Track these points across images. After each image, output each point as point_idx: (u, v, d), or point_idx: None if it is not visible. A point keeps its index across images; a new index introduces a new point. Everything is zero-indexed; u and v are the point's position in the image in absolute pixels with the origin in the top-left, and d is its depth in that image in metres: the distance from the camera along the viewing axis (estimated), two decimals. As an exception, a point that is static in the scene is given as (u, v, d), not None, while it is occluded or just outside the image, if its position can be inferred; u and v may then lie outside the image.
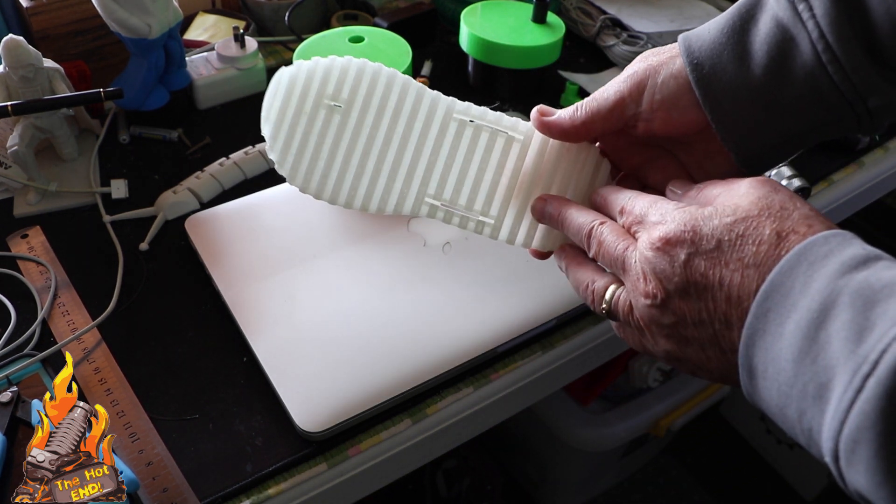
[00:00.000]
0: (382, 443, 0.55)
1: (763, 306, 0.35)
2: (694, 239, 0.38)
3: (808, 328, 0.33)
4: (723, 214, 0.38)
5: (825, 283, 0.33)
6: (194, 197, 0.71)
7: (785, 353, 0.34)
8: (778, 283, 0.35)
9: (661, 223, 0.39)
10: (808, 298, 0.33)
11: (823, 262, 0.34)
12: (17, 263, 0.65)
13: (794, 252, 0.35)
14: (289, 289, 0.61)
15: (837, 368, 0.31)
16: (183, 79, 0.80)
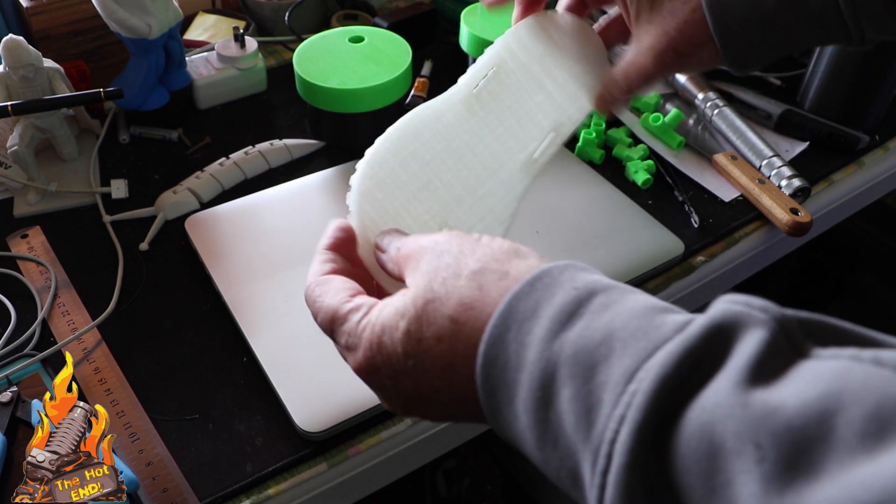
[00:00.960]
0: (382, 443, 0.55)
1: (487, 386, 0.32)
2: (384, 362, 0.35)
3: (537, 410, 0.30)
4: (399, 319, 0.35)
5: (538, 352, 0.30)
6: (194, 197, 0.71)
7: (526, 436, 0.31)
8: (491, 360, 0.31)
9: (354, 349, 0.37)
10: (527, 374, 0.30)
11: (532, 322, 0.31)
12: (18, 263, 0.65)
13: (499, 314, 0.32)
14: (289, 289, 0.61)
15: (578, 456, 0.28)
16: (183, 79, 0.80)
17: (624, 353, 0.28)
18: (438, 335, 0.33)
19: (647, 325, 0.28)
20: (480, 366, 0.32)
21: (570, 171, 0.76)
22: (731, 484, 0.24)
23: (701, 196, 0.76)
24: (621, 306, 0.30)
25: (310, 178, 0.73)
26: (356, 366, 0.37)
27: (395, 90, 0.75)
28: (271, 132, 0.81)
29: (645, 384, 0.26)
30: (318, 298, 0.40)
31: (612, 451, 0.26)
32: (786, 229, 0.71)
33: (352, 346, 0.37)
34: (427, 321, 0.34)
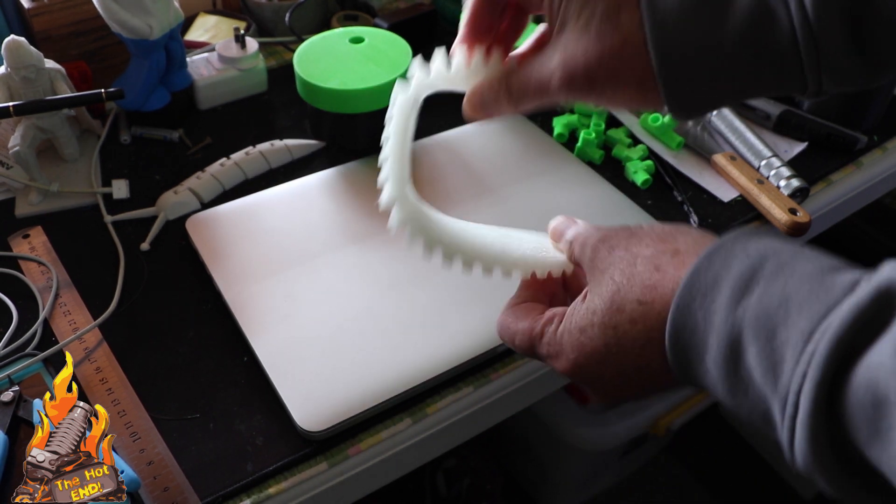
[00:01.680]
0: (382, 442, 0.55)
1: (677, 349, 0.36)
2: (588, 359, 0.40)
3: (727, 366, 0.34)
4: (594, 315, 0.40)
5: (724, 317, 0.34)
6: (195, 197, 0.71)
7: (718, 386, 0.35)
8: (681, 325, 0.36)
9: (557, 356, 0.42)
10: (715, 335, 0.34)
11: (715, 292, 0.35)
12: (19, 263, 0.65)
13: (683, 287, 0.36)
14: (289, 289, 0.61)
15: (769, 401, 0.33)
16: (184, 79, 0.80)
17: (800, 315, 0.32)
18: (632, 319, 0.38)
19: (819, 287, 0.32)
20: (669, 333, 0.36)
21: (570, 171, 0.76)
22: (893, 428, 0.28)
23: (700, 196, 0.76)
24: (793, 269, 0.33)
25: (310, 178, 0.74)
26: (564, 369, 0.42)
27: (395, 91, 0.75)
28: (272, 132, 0.81)
29: (822, 345, 0.30)
30: (512, 324, 0.46)
31: (798, 401, 0.31)
32: (784, 229, 0.71)
33: (554, 355, 0.42)
34: (618, 309, 0.39)
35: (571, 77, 0.41)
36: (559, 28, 0.42)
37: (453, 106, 0.85)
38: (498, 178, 0.74)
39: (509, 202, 0.71)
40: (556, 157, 0.78)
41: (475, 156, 0.77)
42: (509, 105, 0.44)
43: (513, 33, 0.49)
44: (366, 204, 0.70)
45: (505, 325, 0.47)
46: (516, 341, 0.45)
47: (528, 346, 0.44)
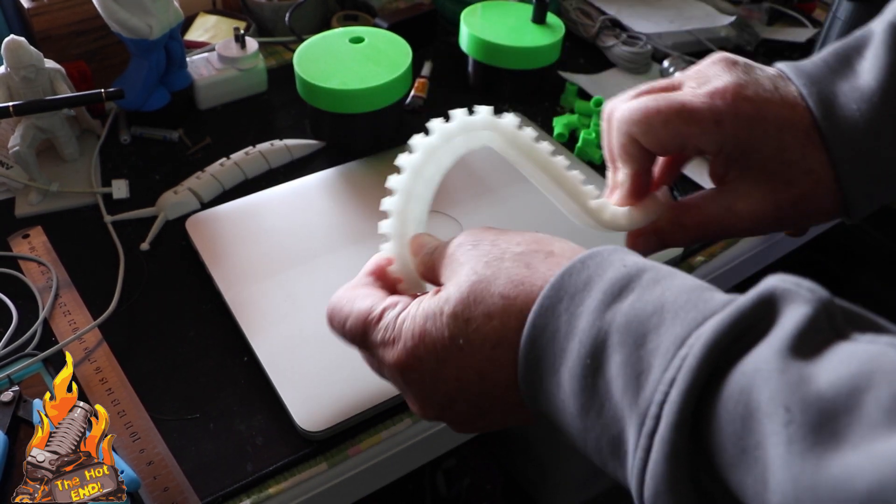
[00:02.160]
0: (382, 442, 0.55)
1: (531, 355, 0.32)
2: (427, 350, 0.35)
3: (585, 377, 0.30)
4: (444, 304, 0.35)
5: (590, 321, 0.31)
6: (195, 197, 0.71)
7: (568, 405, 0.31)
8: (540, 328, 0.32)
9: (391, 343, 0.37)
10: (577, 341, 0.31)
11: (584, 294, 0.32)
12: (19, 263, 0.65)
13: (551, 286, 0.32)
14: (289, 289, 0.61)
15: (624, 422, 0.29)
16: (184, 79, 0.80)
17: (675, 322, 0.29)
18: (489, 313, 0.34)
19: (697, 298, 0.30)
20: (527, 334, 0.32)
21: (570, 171, 0.76)
22: (760, 445, 0.25)
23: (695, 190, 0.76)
24: (671, 282, 0.31)
25: (310, 178, 0.74)
26: (395, 360, 0.36)
27: (395, 91, 0.75)
28: (272, 132, 0.81)
29: (696, 348, 0.27)
30: (347, 304, 0.40)
31: (660, 413, 0.27)
32: (786, 230, 0.71)
33: (388, 342, 0.37)
34: (475, 301, 0.34)
35: (761, 220, 0.43)
36: (739, 175, 0.42)
37: (453, 107, 0.85)
38: (498, 178, 0.74)
39: (509, 202, 0.71)
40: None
41: (475, 155, 0.77)
42: (682, 242, 0.46)
43: (668, 178, 0.49)
44: (366, 204, 0.70)
45: (338, 306, 0.40)
46: (348, 324, 0.39)
47: (361, 330, 0.38)
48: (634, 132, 0.42)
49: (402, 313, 0.37)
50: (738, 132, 0.40)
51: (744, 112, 0.40)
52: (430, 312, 0.35)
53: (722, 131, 0.40)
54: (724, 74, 0.41)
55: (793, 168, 0.41)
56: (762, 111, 0.40)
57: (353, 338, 0.39)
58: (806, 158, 0.40)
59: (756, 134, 0.40)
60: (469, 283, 0.35)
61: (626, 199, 0.45)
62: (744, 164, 0.42)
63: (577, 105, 0.84)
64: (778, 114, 0.40)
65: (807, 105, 0.40)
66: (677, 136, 0.41)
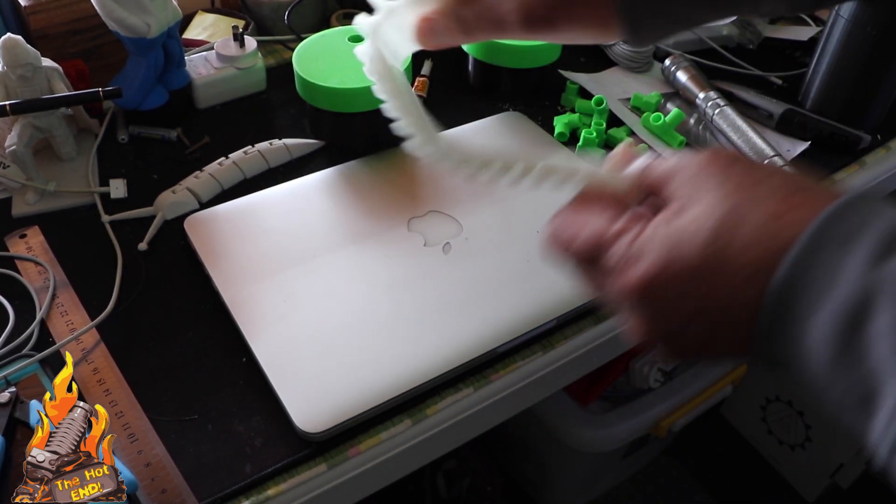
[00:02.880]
0: (382, 443, 0.55)
1: (786, 294, 0.31)
2: (680, 269, 0.33)
3: (844, 327, 0.29)
4: (701, 223, 0.33)
5: (858, 274, 0.29)
6: (193, 197, 0.71)
7: (818, 351, 0.30)
8: (801, 269, 0.30)
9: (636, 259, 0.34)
10: (839, 291, 0.29)
11: (852, 244, 0.30)
12: (16, 263, 0.65)
13: (816, 229, 0.30)
14: (288, 289, 0.61)
15: (884, 380, 0.28)
16: (182, 78, 0.80)
17: None
18: (748, 241, 0.32)
19: None
20: (786, 272, 0.30)
21: (571, 170, 0.75)
22: None
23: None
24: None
25: (309, 177, 0.73)
26: (636, 282, 0.34)
27: (394, 89, 0.75)
28: (271, 132, 0.81)
29: None
30: (575, 222, 0.38)
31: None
32: (787, 229, 0.70)
33: (634, 257, 0.34)
34: (734, 227, 0.32)
35: (529, 16, 0.41)
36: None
37: (453, 106, 0.85)
38: (498, 177, 0.73)
39: (509, 202, 0.71)
40: (556, 156, 0.77)
41: (475, 155, 0.77)
42: (461, 35, 0.44)
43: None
44: (365, 203, 0.70)
45: (564, 225, 0.38)
46: (576, 244, 0.37)
47: (592, 251, 0.36)
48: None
49: (649, 228, 0.35)
50: None
51: None
52: (686, 230, 0.33)
53: None
54: None
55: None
56: None
57: (580, 260, 0.37)
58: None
59: None
60: (727, 209, 0.33)
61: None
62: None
63: (578, 104, 0.84)
64: None
65: None
66: None
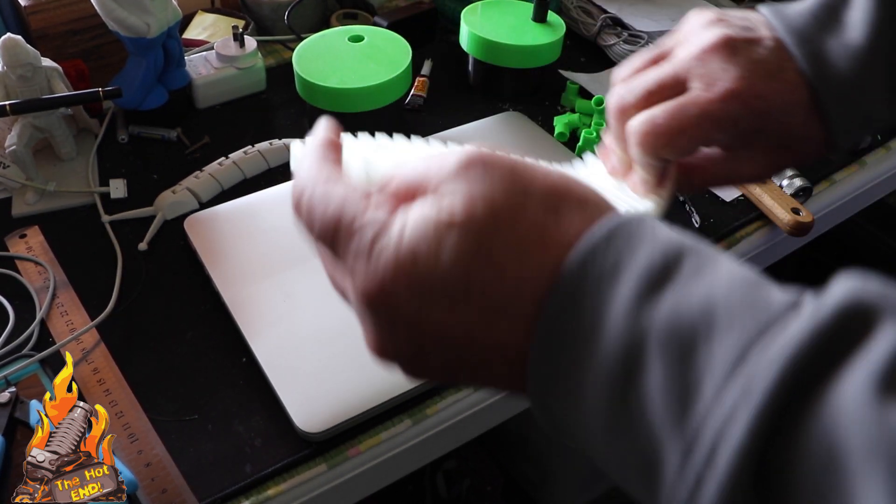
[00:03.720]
0: (382, 443, 0.55)
1: (548, 342, 0.27)
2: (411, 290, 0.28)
3: (614, 386, 0.25)
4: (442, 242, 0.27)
5: (622, 318, 0.25)
6: (193, 197, 0.71)
7: (591, 413, 0.26)
8: (557, 318, 0.26)
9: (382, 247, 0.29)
10: (605, 341, 0.25)
11: (613, 280, 0.26)
12: (16, 263, 0.65)
13: (572, 270, 0.27)
14: (288, 289, 0.61)
15: (662, 446, 0.24)
16: (182, 78, 0.80)
17: (730, 329, 0.24)
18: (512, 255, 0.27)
19: (752, 297, 0.25)
20: (544, 322, 0.27)
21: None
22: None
23: (702, 195, 0.75)
24: (715, 273, 0.26)
25: (309, 177, 0.73)
26: (366, 286, 0.29)
27: (394, 90, 0.75)
28: (271, 132, 0.81)
29: (763, 370, 0.22)
30: (330, 191, 0.32)
31: (716, 446, 0.22)
32: (787, 229, 0.70)
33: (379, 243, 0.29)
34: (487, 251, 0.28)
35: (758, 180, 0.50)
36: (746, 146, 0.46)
37: (453, 106, 0.85)
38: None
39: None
40: (556, 156, 0.77)
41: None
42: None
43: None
44: (365, 203, 0.70)
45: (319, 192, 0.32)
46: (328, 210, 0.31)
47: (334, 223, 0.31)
48: (662, 153, 0.43)
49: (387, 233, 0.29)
50: (750, 124, 0.43)
51: (757, 108, 0.42)
52: (422, 246, 0.28)
53: (738, 128, 0.43)
54: (730, 68, 0.42)
55: (794, 138, 0.44)
56: (770, 103, 0.42)
57: (324, 232, 0.32)
58: (806, 128, 0.43)
59: (766, 122, 0.43)
60: (482, 225, 0.27)
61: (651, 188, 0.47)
62: (751, 142, 0.45)
63: (578, 104, 0.84)
64: (784, 100, 0.43)
65: (801, 71, 0.42)
66: (700, 143, 0.44)
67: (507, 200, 0.28)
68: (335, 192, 0.32)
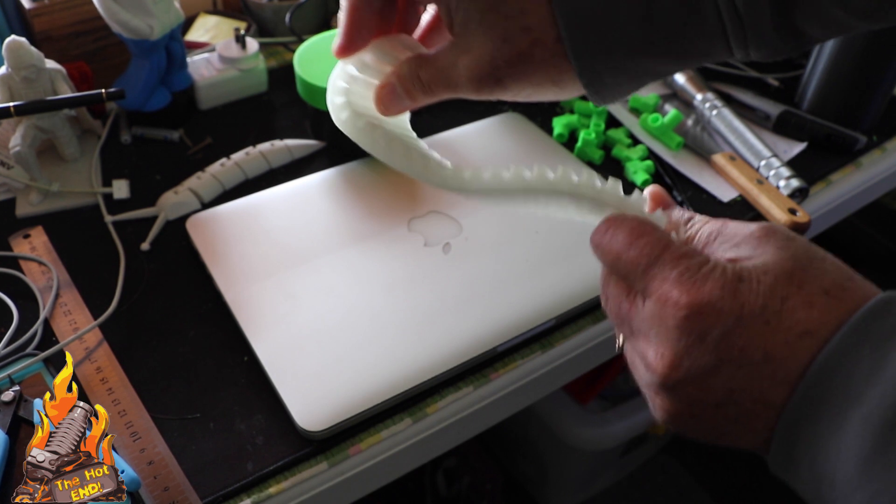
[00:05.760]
0: (383, 442, 0.55)
1: (815, 390, 0.30)
2: (732, 307, 0.31)
3: (883, 428, 0.28)
4: (761, 273, 0.32)
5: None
6: (195, 197, 0.71)
7: (847, 451, 0.29)
8: (835, 365, 0.29)
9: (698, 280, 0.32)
10: (879, 390, 0.28)
11: (892, 341, 0.29)
12: (20, 263, 0.65)
13: (852, 326, 0.30)
14: (289, 288, 0.62)
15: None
16: (184, 80, 0.80)
17: None
18: (810, 301, 0.31)
19: None
20: (822, 362, 0.30)
21: (570, 171, 0.76)
22: None
23: (700, 196, 0.76)
24: None
25: (310, 178, 0.74)
26: (691, 299, 0.31)
27: (395, 91, 0.75)
28: (272, 133, 0.81)
29: None
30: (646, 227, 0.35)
31: None
32: (784, 230, 0.71)
33: (688, 279, 0.32)
34: (799, 284, 0.31)
35: (480, 79, 0.39)
36: (461, 27, 0.39)
37: (453, 107, 0.85)
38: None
39: (509, 202, 0.71)
40: (556, 157, 0.78)
41: (475, 156, 0.77)
42: (424, 98, 0.41)
43: (405, 27, 0.44)
44: (366, 204, 0.70)
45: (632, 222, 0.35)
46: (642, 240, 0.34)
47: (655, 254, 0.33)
48: None
49: (710, 263, 0.32)
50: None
51: None
52: (746, 275, 0.31)
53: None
54: None
55: (510, 23, 0.37)
56: None
57: (639, 255, 0.34)
58: (525, 14, 0.36)
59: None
60: (793, 267, 0.32)
61: (343, 36, 0.41)
62: (465, 17, 0.38)
63: (577, 105, 0.84)
64: None
65: None
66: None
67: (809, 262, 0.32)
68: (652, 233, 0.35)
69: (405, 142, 0.42)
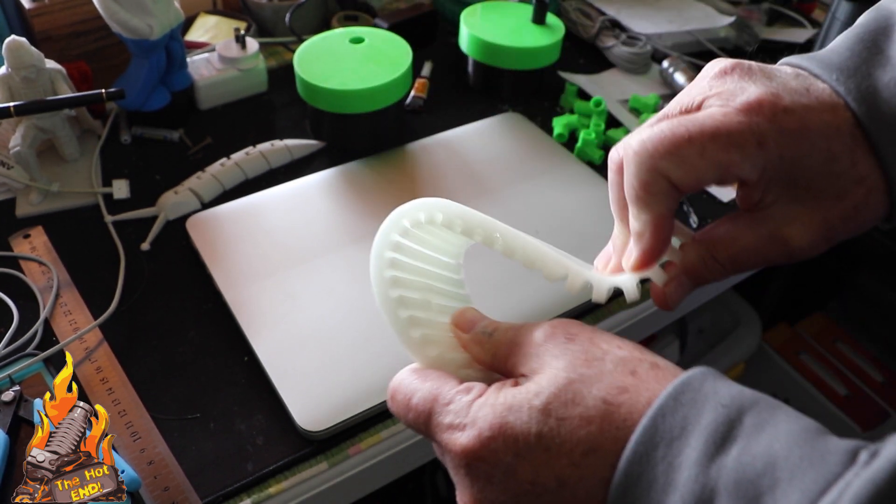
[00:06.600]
0: (383, 442, 0.55)
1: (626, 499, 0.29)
2: (506, 444, 0.31)
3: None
4: (533, 397, 0.31)
5: (693, 475, 0.27)
6: (195, 197, 0.71)
7: None
8: (635, 476, 0.29)
9: (460, 428, 0.32)
10: (678, 496, 0.28)
11: (683, 442, 0.28)
12: (20, 263, 0.65)
13: (642, 431, 0.29)
14: (289, 288, 0.62)
15: None
16: (184, 79, 0.80)
17: (791, 485, 0.26)
18: (587, 416, 0.30)
19: (812, 452, 0.26)
20: (619, 480, 0.29)
21: (570, 171, 0.76)
22: None
23: (699, 196, 0.76)
24: (776, 428, 0.28)
25: (310, 178, 0.74)
26: (464, 447, 0.32)
27: (395, 91, 0.76)
28: (272, 133, 0.81)
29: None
30: (413, 382, 0.36)
31: None
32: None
33: (458, 426, 0.32)
34: (572, 401, 0.31)
35: (809, 247, 0.37)
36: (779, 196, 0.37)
37: (453, 107, 0.85)
38: (498, 178, 0.74)
39: (509, 202, 0.71)
40: (555, 157, 0.78)
41: (475, 156, 0.77)
42: (717, 278, 0.40)
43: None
44: (366, 204, 0.70)
45: (405, 383, 0.36)
46: (413, 401, 0.35)
47: (426, 410, 0.34)
48: (663, 167, 0.35)
49: (479, 399, 0.33)
50: (784, 151, 0.35)
51: (787, 126, 0.35)
52: (516, 404, 0.31)
53: (766, 153, 0.35)
54: (748, 85, 0.36)
55: (843, 179, 0.36)
56: (806, 122, 0.35)
57: (417, 417, 0.35)
58: (856, 166, 0.35)
59: (803, 149, 0.35)
60: (567, 380, 0.31)
61: (650, 253, 0.38)
62: (786, 184, 0.36)
63: (577, 105, 0.85)
64: (821, 120, 0.35)
65: (846, 104, 0.35)
66: (716, 166, 0.35)
67: (586, 370, 0.32)
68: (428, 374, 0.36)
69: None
